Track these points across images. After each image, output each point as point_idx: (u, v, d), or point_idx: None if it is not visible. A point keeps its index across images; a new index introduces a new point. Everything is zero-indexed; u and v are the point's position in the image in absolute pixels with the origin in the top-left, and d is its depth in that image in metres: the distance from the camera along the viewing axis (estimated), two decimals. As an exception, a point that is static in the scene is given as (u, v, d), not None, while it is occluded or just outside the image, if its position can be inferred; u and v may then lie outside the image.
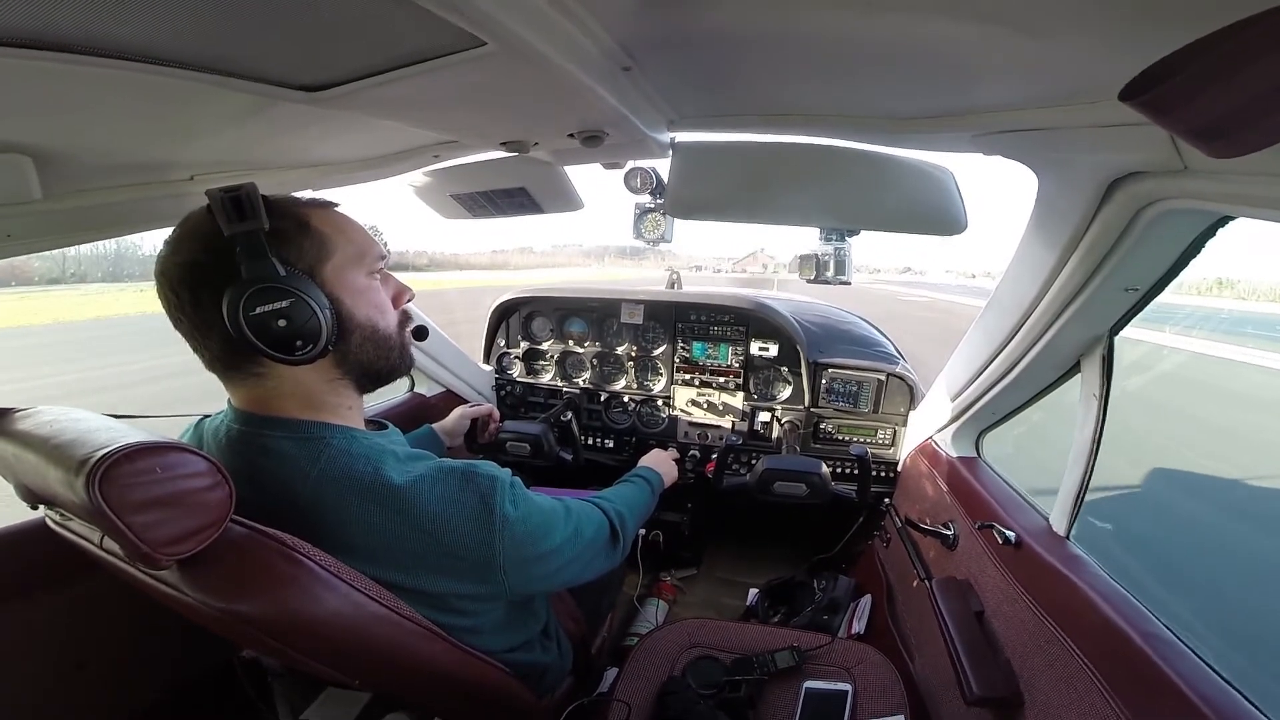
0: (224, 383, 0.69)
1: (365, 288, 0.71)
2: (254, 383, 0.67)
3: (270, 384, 0.67)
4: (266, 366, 0.66)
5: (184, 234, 0.63)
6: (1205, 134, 0.38)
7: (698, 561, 2.08)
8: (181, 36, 0.49)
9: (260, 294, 0.60)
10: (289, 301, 0.61)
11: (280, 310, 0.60)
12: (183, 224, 0.64)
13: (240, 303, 0.59)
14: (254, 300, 0.59)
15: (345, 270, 0.68)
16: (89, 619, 0.93)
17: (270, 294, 0.60)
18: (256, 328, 0.60)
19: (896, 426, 1.64)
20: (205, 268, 0.61)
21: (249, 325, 0.60)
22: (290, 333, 0.61)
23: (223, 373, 0.68)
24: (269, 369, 0.66)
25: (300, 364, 0.64)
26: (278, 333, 0.61)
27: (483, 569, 0.68)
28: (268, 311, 0.60)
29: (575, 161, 1.09)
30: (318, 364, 0.67)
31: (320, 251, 0.66)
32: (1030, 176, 0.80)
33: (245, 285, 0.59)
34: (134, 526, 0.47)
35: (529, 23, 0.50)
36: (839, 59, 0.62)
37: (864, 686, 1.06)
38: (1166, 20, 0.41)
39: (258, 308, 0.60)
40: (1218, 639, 2.10)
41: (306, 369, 0.67)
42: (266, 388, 0.67)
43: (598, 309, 1.85)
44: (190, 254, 0.62)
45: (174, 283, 0.62)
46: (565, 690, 1.02)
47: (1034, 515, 1.05)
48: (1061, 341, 0.94)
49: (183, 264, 0.62)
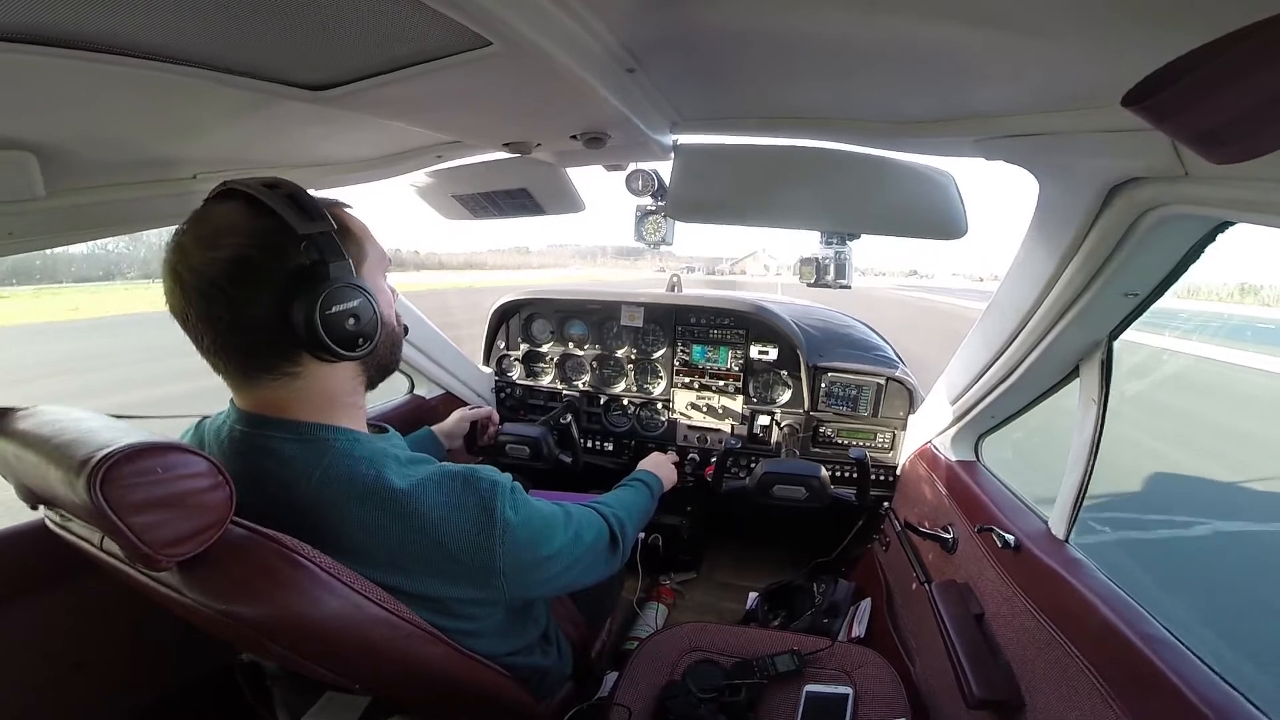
0: (240, 383, 0.67)
1: (384, 288, 0.74)
2: (282, 383, 0.65)
3: (299, 384, 0.66)
4: (304, 366, 0.65)
5: (219, 228, 0.60)
6: (1207, 140, 0.38)
7: (697, 565, 2.08)
8: (186, 33, 0.50)
9: (337, 293, 0.62)
10: (359, 301, 0.64)
11: (352, 309, 0.63)
12: (207, 219, 0.61)
13: (319, 301, 0.60)
14: (332, 299, 0.61)
15: (375, 271, 0.72)
16: (88, 621, 0.92)
17: (346, 293, 0.63)
18: (330, 326, 0.61)
19: (896, 430, 1.65)
20: (257, 264, 0.59)
21: (324, 324, 0.61)
22: (357, 331, 0.64)
23: (248, 373, 0.65)
24: (305, 368, 0.65)
25: (353, 360, 0.67)
26: (348, 332, 0.63)
27: (483, 573, 0.68)
28: (342, 310, 0.62)
29: (577, 163, 1.09)
30: (350, 362, 0.68)
31: (359, 253, 0.69)
32: (1031, 181, 0.81)
33: (323, 284, 0.61)
34: (134, 527, 0.47)
35: (534, 23, 0.50)
36: (842, 62, 0.63)
37: (864, 690, 1.06)
38: (1169, 26, 0.41)
39: (334, 306, 0.62)
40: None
41: (341, 367, 0.68)
42: (292, 388, 0.66)
43: (598, 311, 1.85)
44: (237, 250, 0.59)
45: (215, 279, 0.59)
46: (565, 694, 1.02)
47: (1033, 519, 1.06)
48: (1061, 346, 0.94)
49: (230, 260, 0.59)
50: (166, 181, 0.91)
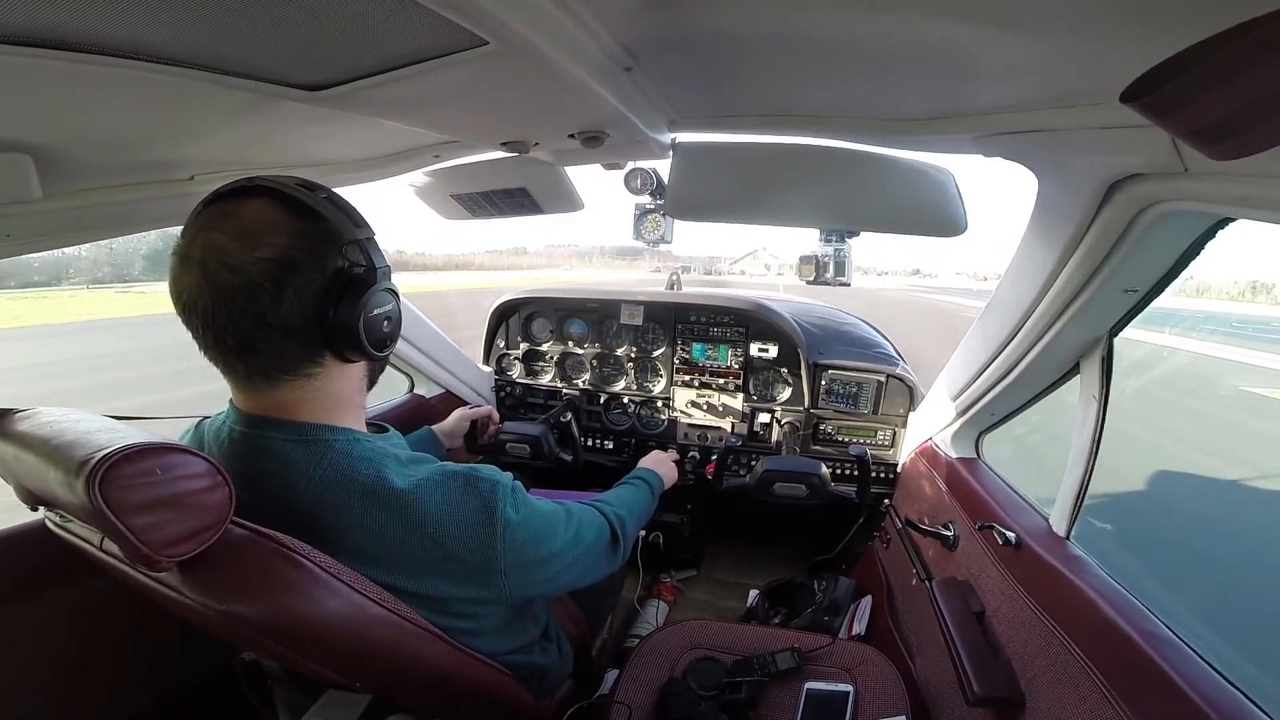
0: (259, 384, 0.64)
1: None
2: (301, 384, 0.65)
3: (316, 384, 0.66)
4: (324, 366, 0.66)
5: (260, 228, 0.59)
6: (1206, 136, 0.38)
7: (698, 563, 2.08)
8: (182, 34, 0.49)
9: (379, 296, 0.65)
10: (393, 304, 0.67)
11: (387, 312, 0.67)
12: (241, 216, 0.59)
13: (364, 304, 0.62)
14: (374, 302, 0.64)
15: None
16: (88, 621, 0.93)
17: (385, 297, 0.66)
18: (370, 328, 0.63)
19: (896, 428, 1.64)
20: (300, 265, 0.59)
21: (366, 326, 0.63)
22: (389, 333, 0.68)
23: (269, 374, 0.63)
24: (325, 369, 0.66)
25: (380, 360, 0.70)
26: (384, 333, 0.67)
27: (483, 573, 0.68)
28: (381, 313, 0.65)
29: (576, 162, 1.09)
30: (363, 364, 0.70)
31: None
32: (1031, 178, 0.81)
33: (364, 287, 0.63)
34: (134, 528, 0.47)
35: (531, 22, 0.50)
36: (840, 60, 0.63)
37: (865, 687, 1.06)
38: (1168, 23, 0.41)
39: (375, 310, 0.64)
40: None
41: (356, 368, 0.70)
42: (308, 389, 0.66)
43: (597, 310, 1.85)
44: (279, 251, 0.58)
45: (258, 279, 0.57)
46: (566, 692, 1.02)
47: (1034, 516, 1.05)
48: (1061, 343, 0.94)
49: (273, 260, 0.58)
50: (164, 183, 0.91)
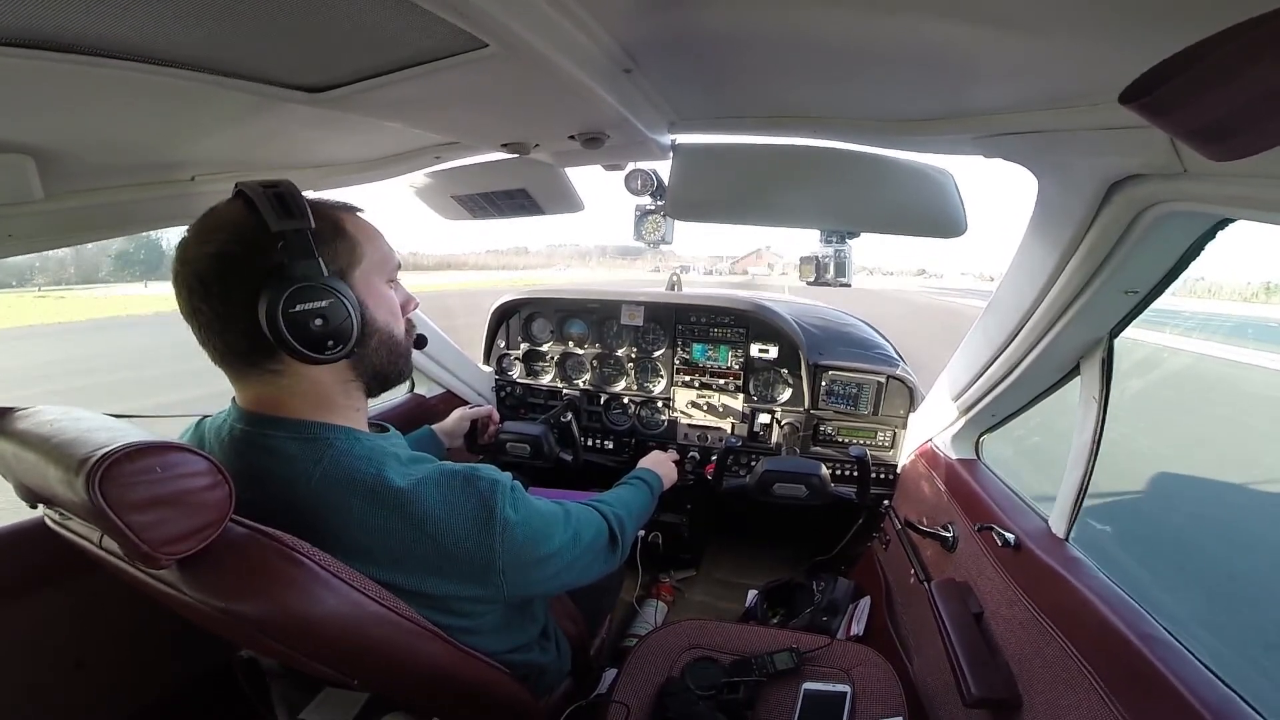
0: (234, 378, 0.69)
1: (385, 294, 0.73)
2: (268, 380, 0.67)
3: (285, 382, 0.67)
4: (285, 364, 0.65)
5: (213, 225, 0.63)
6: (1205, 137, 0.38)
7: (697, 563, 2.08)
8: (183, 36, 0.50)
9: (302, 292, 0.60)
10: (328, 302, 0.62)
11: (319, 310, 0.62)
12: (209, 215, 0.64)
13: (281, 299, 0.59)
14: (295, 298, 0.60)
15: (371, 276, 0.70)
16: (88, 619, 0.93)
17: (312, 293, 0.61)
18: (293, 325, 0.60)
19: (896, 429, 1.64)
20: (238, 260, 0.61)
21: (286, 322, 0.60)
22: (324, 333, 0.62)
23: (236, 368, 0.67)
24: (287, 367, 0.66)
25: (324, 364, 0.65)
26: (313, 332, 0.62)
27: (482, 572, 0.68)
28: (307, 310, 0.61)
29: (576, 163, 1.09)
30: (336, 365, 0.67)
31: (351, 256, 0.68)
32: (1031, 178, 0.81)
33: (288, 282, 0.60)
34: (134, 526, 0.47)
35: (530, 24, 0.50)
36: (840, 61, 0.63)
37: (863, 688, 1.06)
38: (1166, 23, 0.41)
39: (298, 305, 0.60)
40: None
41: (324, 369, 0.67)
42: (280, 386, 0.67)
43: (598, 310, 1.85)
44: (221, 245, 0.61)
45: (201, 273, 0.61)
46: (564, 691, 1.02)
47: (1033, 518, 1.05)
48: (1061, 344, 0.94)
49: (214, 255, 0.61)
50: (165, 184, 0.91)
